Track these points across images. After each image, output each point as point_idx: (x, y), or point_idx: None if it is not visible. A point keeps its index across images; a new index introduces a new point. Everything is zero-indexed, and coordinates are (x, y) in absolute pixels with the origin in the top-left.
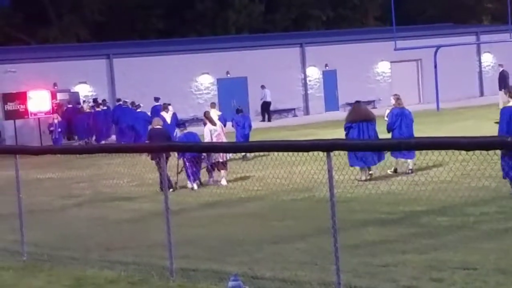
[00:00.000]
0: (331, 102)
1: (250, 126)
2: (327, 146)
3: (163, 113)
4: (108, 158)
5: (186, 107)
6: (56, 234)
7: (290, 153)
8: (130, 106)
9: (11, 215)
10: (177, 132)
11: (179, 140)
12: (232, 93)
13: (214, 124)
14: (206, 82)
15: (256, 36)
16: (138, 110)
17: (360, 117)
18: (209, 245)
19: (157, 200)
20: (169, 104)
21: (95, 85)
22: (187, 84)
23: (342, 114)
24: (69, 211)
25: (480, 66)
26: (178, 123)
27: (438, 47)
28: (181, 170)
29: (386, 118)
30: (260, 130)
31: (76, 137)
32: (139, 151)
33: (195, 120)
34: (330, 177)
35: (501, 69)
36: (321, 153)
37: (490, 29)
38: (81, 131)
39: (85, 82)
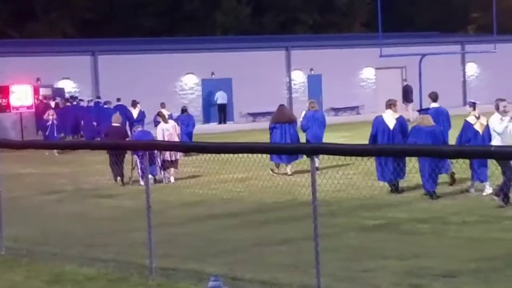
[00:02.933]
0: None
1: (193, 125)
2: (310, 150)
3: (131, 109)
4: (90, 154)
5: (170, 107)
6: (36, 229)
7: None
8: (103, 104)
9: None
10: (135, 130)
11: (133, 138)
12: (214, 93)
13: (166, 121)
14: (190, 82)
15: (242, 38)
16: (106, 106)
17: (283, 119)
18: (190, 244)
19: (139, 197)
20: (138, 102)
21: (79, 82)
22: (172, 83)
23: (326, 119)
24: (50, 206)
25: (464, 75)
26: (137, 120)
27: (423, 55)
28: (135, 166)
29: (301, 119)
30: (242, 131)
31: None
32: (121, 149)
33: (177, 121)
34: (313, 181)
35: (405, 83)
36: (304, 157)
37: (475, 39)
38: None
39: (68, 78)
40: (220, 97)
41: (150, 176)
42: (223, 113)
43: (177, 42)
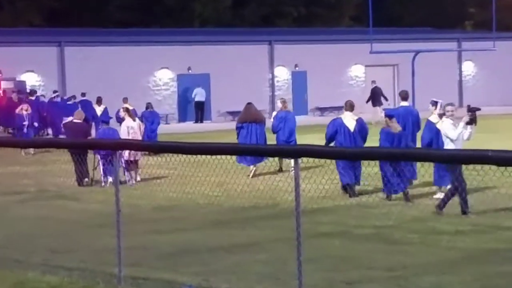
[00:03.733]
0: (299, 106)
1: (158, 123)
2: (295, 152)
3: (95, 106)
4: (56, 154)
5: (142, 104)
6: None
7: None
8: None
9: None
10: (101, 127)
11: (97, 136)
12: (191, 89)
13: (129, 121)
14: (165, 77)
15: (221, 31)
16: (69, 102)
17: (250, 118)
18: (162, 252)
19: (107, 201)
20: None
21: (44, 75)
22: (145, 78)
23: (311, 119)
24: (12, 209)
25: (460, 75)
26: (104, 120)
27: (417, 52)
28: (97, 167)
29: (271, 120)
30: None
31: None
32: (92, 148)
33: None
34: (297, 186)
35: (373, 85)
36: (287, 160)
37: (473, 36)
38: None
39: (32, 71)
40: (199, 94)
41: (110, 177)
42: (200, 111)
43: (151, 34)
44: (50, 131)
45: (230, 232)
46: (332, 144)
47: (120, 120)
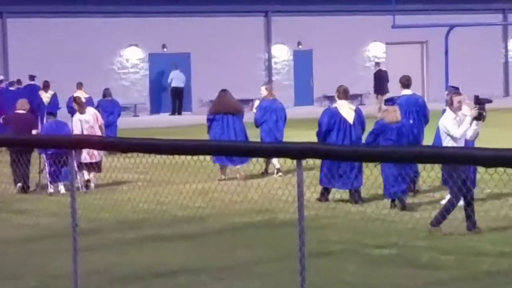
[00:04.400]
0: (303, 94)
1: (118, 114)
2: (298, 152)
3: (41, 92)
4: None
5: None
6: None
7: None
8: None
9: None
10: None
11: (43, 131)
12: (166, 72)
13: (83, 111)
14: (134, 57)
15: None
16: (12, 88)
17: (225, 108)
18: (129, 276)
19: (60, 213)
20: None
21: None
22: (108, 59)
23: (317, 111)
24: None
25: (506, 55)
26: (50, 111)
27: (451, 26)
28: (43, 169)
29: (254, 110)
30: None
31: None
32: (33, 146)
33: None
34: (300, 194)
35: (377, 68)
36: (288, 161)
37: None
38: None
39: None
40: (176, 79)
41: (60, 183)
42: (178, 101)
43: (116, 3)
44: None
45: (216, 252)
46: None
47: (72, 111)
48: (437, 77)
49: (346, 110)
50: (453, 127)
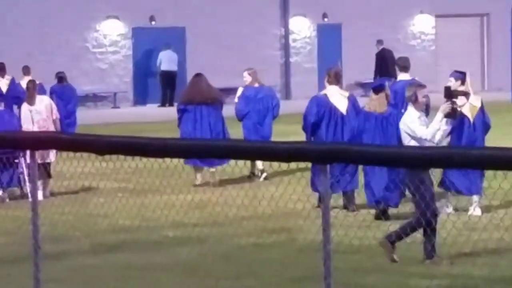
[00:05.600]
0: None
1: (75, 102)
2: (323, 154)
3: None
4: None
5: (77, 75)
6: None
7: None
8: None
9: None
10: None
11: None
12: (155, 52)
13: (32, 102)
14: (113, 32)
15: None
16: None
17: (199, 97)
18: None
19: (15, 230)
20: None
21: None
22: (81, 35)
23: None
24: None
25: None
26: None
27: None
28: None
29: (236, 99)
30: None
31: None
32: None
33: (89, 99)
34: (326, 209)
35: (380, 47)
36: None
37: None
38: None
39: None
40: (167, 60)
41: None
42: (169, 88)
43: None
44: None
45: (215, 282)
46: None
47: (19, 101)
48: (500, 60)
49: (338, 98)
50: (419, 127)
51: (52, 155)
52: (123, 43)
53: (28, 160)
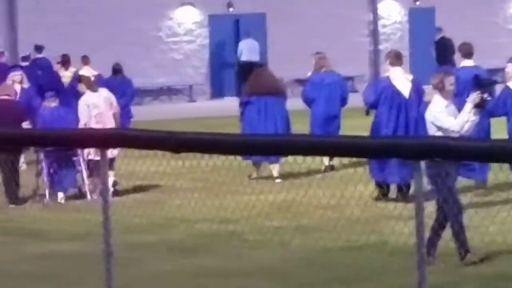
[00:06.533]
0: (422, 68)
1: (132, 94)
2: (419, 150)
3: (60, 70)
4: None
5: (149, 66)
6: None
7: (340, 161)
8: None
9: None
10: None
11: (41, 121)
12: (233, 41)
13: (95, 90)
14: (188, 20)
15: None
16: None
17: (263, 88)
18: None
19: (88, 237)
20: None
21: None
22: (153, 23)
23: None
24: None
25: None
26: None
27: None
28: (41, 173)
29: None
30: None
31: None
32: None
33: (163, 92)
34: (419, 209)
35: (440, 35)
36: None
37: None
38: None
39: None
40: (247, 50)
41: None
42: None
43: None
44: None
45: None
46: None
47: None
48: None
49: (401, 81)
50: (447, 118)
51: (115, 150)
52: (199, 31)
53: (86, 158)
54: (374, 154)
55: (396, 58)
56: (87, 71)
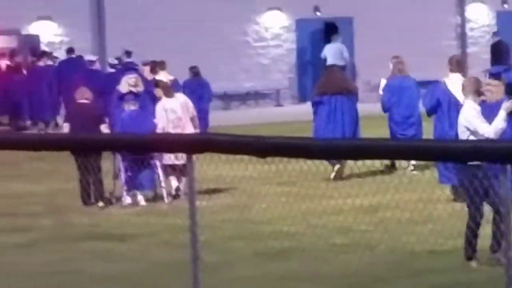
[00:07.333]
0: None
1: (209, 98)
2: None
3: (149, 76)
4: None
5: (237, 71)
6: None
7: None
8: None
9: None
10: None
11: (119, 125)
12: (320, 45)
13: (171, 95)
14: (275, 25)
15: None
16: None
17: (333, 87)
18: None
19: (173, 240)
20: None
21: (69, 25)
22: (240, 28)
23: None
24: (11, 255)
25: None
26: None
27: None
28: (118, 175)
29: (380, 91)
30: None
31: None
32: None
33: (250, 97)
34: (505, 214)
35: (495, 39)
36: None
37: None
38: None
39: (49, 18)
40: (333, 53)
41: (139, 192)
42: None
43: None
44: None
45: None
46: None
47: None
48: None
49: (457, 87)
50: (482, 124)
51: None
52: (286, 36)
53: (163, 161)
54: (462, 157)
55: (457, 65)
56: (163, 76)
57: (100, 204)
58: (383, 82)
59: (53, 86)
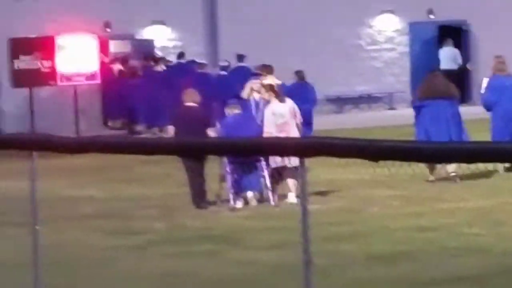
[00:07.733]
0: None
1: (314, 100)
2: None
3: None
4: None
5: (350, 75)
6: None
7: None
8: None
9: None
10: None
11: (223, 129)
12: (434, 49)
13: (282, 100)
14: (389, 28)
15: None
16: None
17: (435, 92)
18: None
19: (286, 243)
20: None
21: (181, 29)
22: (354, 31)
23: None
24: (121, 259)
25: None
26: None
27: None
28: (225, 177)
29: (482, 91)
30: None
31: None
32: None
33: (363, 100)
34: None
35: None
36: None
37: None
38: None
39: (162, 23)
40: (446, 58)
41: (250, 193)
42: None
43: None
44: None
45: None
46: None
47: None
48: None
49: None
50: None
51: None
52: (399, 39)
53: (271, 165)
54: None
55: (500, 65)
56: (271, 81)
57: (204, 205)
58: (485, 81)
59: (164, 91)
